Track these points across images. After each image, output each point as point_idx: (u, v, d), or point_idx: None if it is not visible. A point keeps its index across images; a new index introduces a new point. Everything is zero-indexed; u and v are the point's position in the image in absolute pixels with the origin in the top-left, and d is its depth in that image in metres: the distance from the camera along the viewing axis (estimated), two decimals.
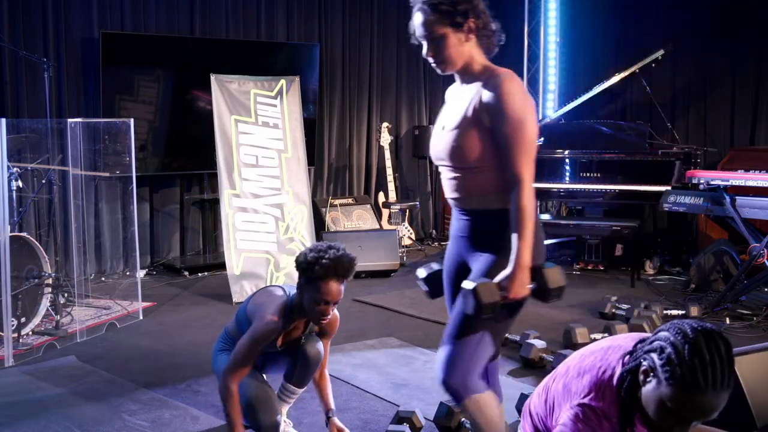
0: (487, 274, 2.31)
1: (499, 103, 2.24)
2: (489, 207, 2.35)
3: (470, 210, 2.42)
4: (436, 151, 2.45)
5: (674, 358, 1.76)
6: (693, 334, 1.79)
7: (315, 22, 7.50)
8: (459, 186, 2.40)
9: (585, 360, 2.03)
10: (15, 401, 3.59)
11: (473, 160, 2.31)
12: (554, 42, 8.85)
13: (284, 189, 5.95)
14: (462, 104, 2.35)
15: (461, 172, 2.36)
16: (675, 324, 1.86)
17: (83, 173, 5.04)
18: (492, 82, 2.28)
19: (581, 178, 6.65)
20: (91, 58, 6.16)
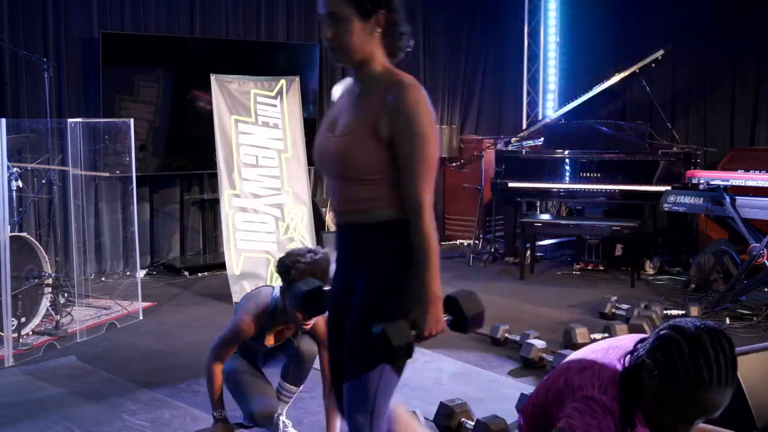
0: (379, 302, 2.08)
1: (404, 114, 1.99)
2: (378, 220, 2.09)
3: (358, 224, 2.13)
4: (322, 158, 2.16)
5: (678, 356, 1.76)
6: (696, 332, 1.78)
7: (315, 22, 7.49)
8: (347, 197, 2.12)
9: (587, 357, 2.04)
10: (15, 401, 3.59)
11: (366, 171, 2.05)
12: (554, 42, 8.86)
13: (284, 189, 5.95)
14: (357, 108, 2.09)
15: (350, 182, 2.09)
16: (677, 322, 1.86)
17: (83, 173, 5.05)
18: (397, 89, 2.02)
19: (581, 178, 6.64)
20: (91, 58, 6.16)
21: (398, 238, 2.08)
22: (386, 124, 2.01)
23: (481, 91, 8.78)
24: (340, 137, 2.08)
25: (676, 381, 1.76)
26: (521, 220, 6.56)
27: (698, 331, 1.79)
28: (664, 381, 1.78)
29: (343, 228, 2.21)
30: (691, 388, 1.75)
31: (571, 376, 2.00)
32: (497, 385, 3.86)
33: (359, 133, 2.04)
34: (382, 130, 2.02)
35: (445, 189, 8.39)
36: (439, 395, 3.56)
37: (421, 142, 2.01)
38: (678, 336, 1.79)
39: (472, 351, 4.40)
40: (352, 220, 2.14)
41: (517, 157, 6.93)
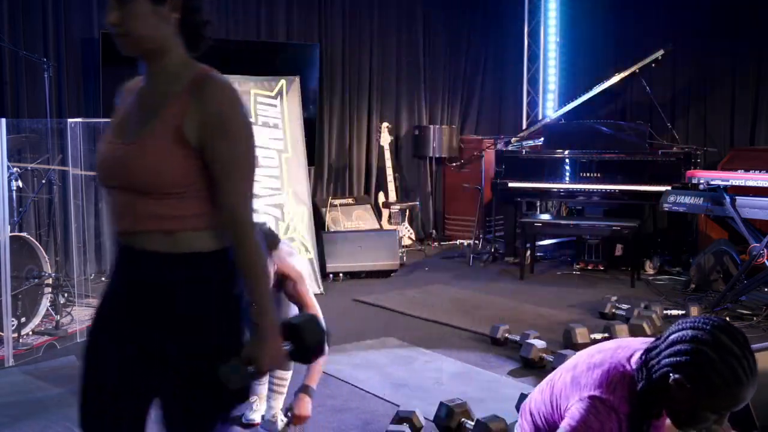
0: (211, 371, 1.67)
1: (217, 115, 1.69)
2: (186, 249, 1.71)
3: (158, 252, 1.71)
4: (108, 168, 1.76)
5: (710, 367, 1.77)
6: (715, 336, 1.79)
7: (315, 22, 7.50)
8: (142, 215, 1.71)
9: (594, 357, 2.03)
10: (15, 401, 3.59)
11: (170, 184, 1.69)
12: (554, 42, 8.86)
13: (284, 189, 5.95)
14: (153, 108, 1.74)
15: (146, 198, 1.70)
16: (687, 326, 1.86)
17: (83, 173, 5.04)
18: (204, 86, 1.74)
19: (581, 178, 6.64)
20: (91, 58, 6.16)
21: (217, 269, 1.73)
22: (194, 127, 1.68)
23: (481, 91, 8.78)
24: (134, 144, 1.71)
25: (714, 389, 1.77)
26: (521, 220, 6.56)
27: (714, 333, 1.80)
28: (700, 391, 1.79)
29: (129, 257, 1.77)
30: (730, 390, 1.77)
31: (577, 374, 1.99)
32: (497, 385, 3.86)
33: (159, 139, 1.69)
34: (189, 135, 1.68)
35: (445, 189, 8.39)
36: (439, 395, 3.56)
37: (241, 147, 1.71)
38: (701, 346, 1.79)
39: (472, 351, 4.41)
40: (150, 245, 1.71)
41: (517, 157, 6.93)
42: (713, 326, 1.82)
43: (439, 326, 4.96)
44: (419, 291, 5.93)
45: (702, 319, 1.86)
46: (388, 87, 8.11)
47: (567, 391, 1.99)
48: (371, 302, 5.57)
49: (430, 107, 8.44)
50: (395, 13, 8.05)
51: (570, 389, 1.98)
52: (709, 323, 1.83)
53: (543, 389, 2.17)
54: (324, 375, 3.96)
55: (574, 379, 1.99)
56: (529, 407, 2.22)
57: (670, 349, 1.85)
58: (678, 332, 1.86)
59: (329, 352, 3.54)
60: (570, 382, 2.00)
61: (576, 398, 1.93)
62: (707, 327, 1.82)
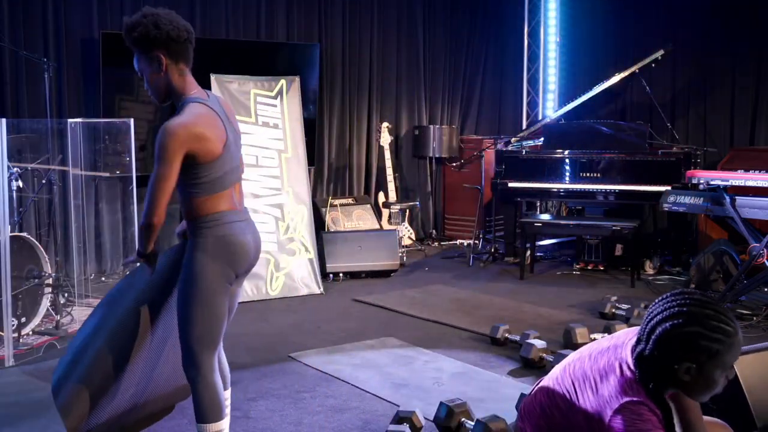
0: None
1: None
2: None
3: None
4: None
5: (700, 340, 1.87)
6: (685, 313, 1.89)
7: (315, 22, 7.50)
8: None
9: (599, 361, 2.06)
10: (15, 401, 3.60)
11: None
12: (554, 42, 8.86)
13: (284, 189, 5.95)
14: None
15: None
16: (659, 318, 1.93)
17: (83, 173, 5.05)
18: None
19: (581, 178, 6.65)
20: (91, 58, 6.16)
21: None
22: None
23: (481, 91, 8.78)
24: None
25: (715, 353, 1.87)
26: (521, 220, 6.56)
27: (687, 311, 1.89)
28: (706, 362, 1.88)
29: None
30: (729, 345, 1.88)
31: (596, 386, 2.02)
32: (497, 385, 3.86)
33: None
34: None
35: (445, 189, 8.40)
36: (439, 395, 3.56)
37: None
38: (683, 329, 1.88)
39: (472, 351, 4.41)
40: None
41: (517, 157, 6.94)
42: (679, 305, 1.91)
43: (439, 326, 4.96)
44: (419, 291, 5.93)
45: (667, 304, 1.94)
46: (388, 87, 8.11)
47: (594, 406, 2.00)
48: (371, 302, 5.57)
49: (430, 107, 8.44)
50: (395, 13, 8.05)
51: (597, 403, 2.00)
52: (674, 305, 1.92)
53: (547, 392, 2.16)
54: (324, 375, 3.97)
55: (597, 393, 2.01)
56: (530, 409, 2.22)
57: (660, 348, 1.91)
58: (655, 329, 1.93)
59: (330, 353, 3.52)
60: (593, 396, 2.01)
61: (609, 412, 1.95)
62: (675, 309, 1.91)
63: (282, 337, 4.70)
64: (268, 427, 3.31)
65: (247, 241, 2.64)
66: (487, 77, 8.82)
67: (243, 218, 2.66)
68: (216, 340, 2.61)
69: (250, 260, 2.69)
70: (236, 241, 2.58)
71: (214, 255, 2.54)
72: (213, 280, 2.54)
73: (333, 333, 4.79)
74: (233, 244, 2.57)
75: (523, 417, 2.26)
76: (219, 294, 2.57)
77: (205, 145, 2.46)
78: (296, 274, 5.85)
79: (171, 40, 2.50)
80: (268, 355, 4.32)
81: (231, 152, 2.59)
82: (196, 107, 2.50)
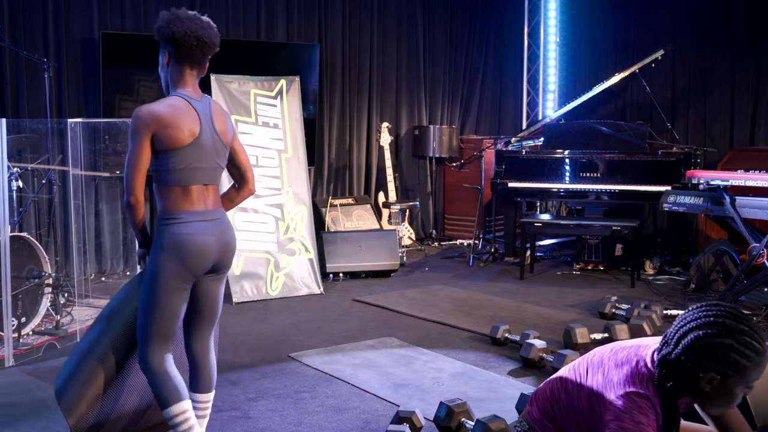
0: None
1: None
2: None
3: None
4: None
5: (735, 353, 1.88)
6: (719, 323, 1.90)
7: (315, 22, 7.50)
8: None
9: (618, 354, 2.09)
10: (15, 401, 3.60)
11: None
12: (554, 42, 8.86)
13: (284, 189, 5.95)
14: None
15: None
16: (693, 325, 1.94)
17: (83, 173, 5.04)
18: None
19: (581, 178, 6.65)
20: (91, 58, 6.16)
21: None
22: None
23: (481, 91, 8.78)
24: None
25: (742, 369, 1.89)
26: (521, 220, 6.56)
27: (721, 321, 1.91)
28: (731, 376, 1.90)
29: None
30: (756, 363, 1.90)
31: (607, 371, 2.05)
32: (497, 385, 3.86)
33: None
34: None
35: (445, 189, 8.40)
36: (439, 395, 3.56)
37: None
38: (716, 339, 1.89)
39: (472, 351, 4.41)
40: None
41: (517, 157, 6.94)
42: (715, 316, 1.92)
43: (439, 326, 4.96)
44: (419, 291, 5.93)
45: (701, 313, 1.94)
46: (388, 87, 8.11)
47: (600, 387, 2.03)
48: (371, 302, 5.57)
49: (430, 107, 8.44)
50: (395, 13, 8.05)
51: (603, 385, 2.03)
52: (710, 315, 1.92)
53: (566, 383, 2.17)
54: (324, 375, 3.97)
55: (606, 377, 2.04)
56: (546, 397, 2.22)
57: (687, 353, 1.92)
58: (686, 335, 1.93)
59: (330, 353, 3.53)
60: (602, 379, 2.04)
61: (612, 395, 1.98)
62: (711, 318, 1.91)
63: (282, 337, 4.70)
64: (268, 427, 3.31)
65: (206, 241, 2.66)
66: (487, 77, 8.82)
67: (208, 218, 2.69)
68: (165, 335, 2.68)
69: (210, 260, 2.69)
70: (192, 240, 2.63)
71: (168, 253, 2.61)
72: (166, 278, 2.61)
73: (333, 333, 4.79)
74: (188, 243, 2.62)
75: (533, 401, 2.27)
76: (170, 293, 2.63)
77: (169, 132, 2.57)
78: (296, 274, 5.85)
79: (176, 41, 2.65)
80: (268, 355, 4.32)
81: (203, 150, 2.65)
82: (172, 99, 2.65)
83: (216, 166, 2.73)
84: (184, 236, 2.62)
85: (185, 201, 2.65)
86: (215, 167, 2.73)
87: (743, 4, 7.04)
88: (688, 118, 7.52)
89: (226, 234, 2.76)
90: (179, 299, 2.66)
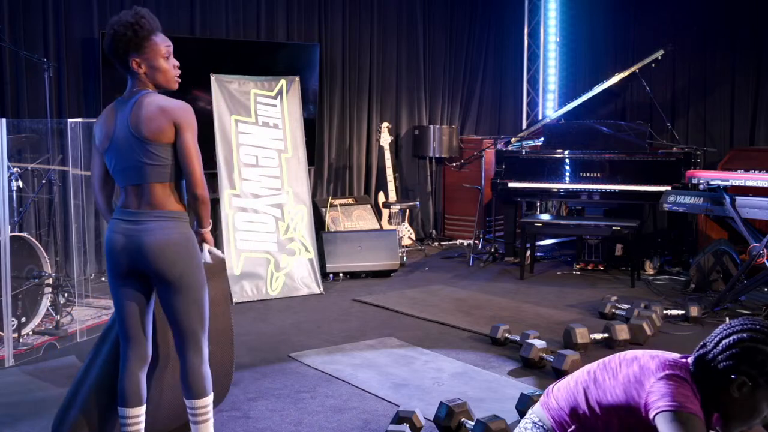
0: None
1: None
2: None
3: None
4: None
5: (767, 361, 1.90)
6: (763, 332, 1.93)
7: (315, 22, 7.50)
8: None
9: (652, 352, 2.12)
10: (15, 401, 3.59)
11: None
12: (554, 42, 8.86)
13: (284, 189, 5.95)
14: None
15: None
16: (737, 329, 1.97)
17: (83, 173, 5.04)
18: None
19: (581, 178, 6.65)
20: (91, 58, 6.16)
21: None
22: None
23: (481, 91, 8.78)
24: None
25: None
26: (521, 220, 6.56)
27: (759, 332, 1.94)
28: (761, 388, 1.91)
29: None
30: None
31: (643, 363, 2.06)
32: (497, 385, 3.86)
33: None
34: None
35: (445, 189, 8.40)
36: (439, 395, 3.56)
37: None
38: (759, 345, 1.92)
39: (472, 351, 4.41)
40: None
41: (517, 157, 6.94)
42: (763, 326, 1.95)
43: (439, 326, 4.96)
44: (419, 291, 5.93)
45: (749, 323, 1.97)
46: (388, 87, 8.11)
47: (637, 374, 2.04)
48: (371, 302, 5.57)
49: (430, 107, 8.44)
50: (395, 13, 8.05)
51: (641, 373, 2.03)
52: (756, 324, 1.96)
53: (594, 373, 2.17)
54: (324, 375, 3.97)
55: (643, 367, 2.05)
56: (570, 386, 2.20)
57: (726, 353, 1.94)
58: (729, 336, 1.96)
59: (330, 353, 3.52)
60: (638, 369, 2.05)
61: (653, 379, 1.98)
62: (756, 326, 1.95)
63: (282, 337, 4.70)
64: (268, 427, 3.31)
65: (112, 238, 2.65)
66: (487, 77, 8.82)
67: (126, 217, 2.64)
68: (122, 335, 2.73)
69: (121, 260, 2.64)
70: (107, 237, 2.69)
71: None
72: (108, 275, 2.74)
73: (333, 333, 4.79)
74: (106, 240, 2.70)
75: (550, 393, 2.25)
76: (112, 288, 2.72)
77: (95, 139, 2.72)
78: (296, 274, 5.85)
79: None
80: (268, 355, 4.32)
81: (119, 150, 2.63)
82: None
83: (138, 164, 2.59)
84: (106, 233, 2.70)
85: (119, 200, 2.71)
86: (138, 165, 2.59)
87: (743, 4, 7.04)
88: (688, 118, 7.52)
89: (141, 236, 2.60)
90: (118, 296, 2.70)
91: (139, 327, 2.72)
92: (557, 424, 2.17)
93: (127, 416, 2.72)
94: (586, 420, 2.12)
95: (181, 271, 2.62)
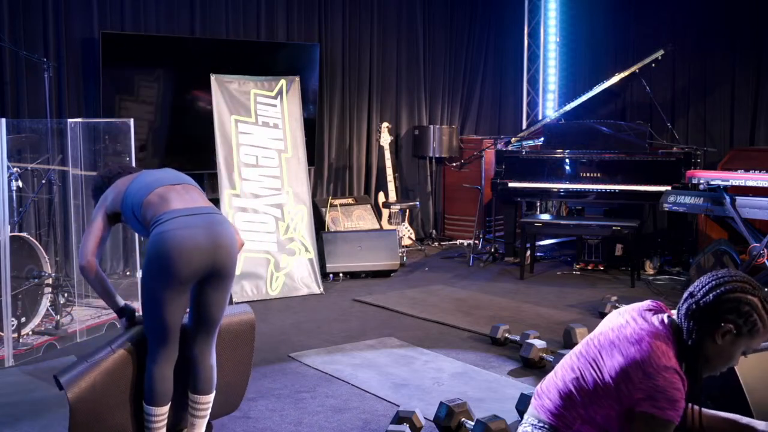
0: None
1: None
2: None
3: None
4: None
5: (756, 313, 2.01)
6: (752, 285, 2.04)
7: (315, 22, 7.50)
8: None
9: (622, 332, 2.17)
10: (15, 401, 3.59)
11: None
12: (554, 42, 8.86)
13: (284, 189, 5.95)
14: None
15: None
16: (724, 280, 2.08)
17: (83, 173, 5.04)
18: None
19: (581, 178, 6.65)
20: (91, 58, 6.16)
21: None
22: None
23: (481, 91, 8.78)
24: None
25: (756, 332, 2.01)
26: (521, 220, 6.56)
27: (752, 285, 2.05)
28: (742, 335, 2.01)
29: None
30: (765, 335, 2.03)
31: (624, 350, 2.07)
32: (497, 385, 3.86)
33: None
34: None
35: (445, 189, 8.40)
36: (439, 395, 3.56)
37: None
38: (749, 297, 2.02)
39: (472, 351, 4.41)
40: None
41: (517, 157, 6.94)
42: (743, 279, 2.06)
43: (439, 326, 4.96)
44: (419, 291, 5.93)
45: (732, 273, 2.09)
46: (388, 87, 8.11)
47: (623, 365, 2.03)
48: (371, 302, 5.57)
49: (430, 107, 8.44)
50: (395, 13, 8.05)
51: (626, 364, 2.04)
52: (739, 276, 2.07)
53: (573, 365, 2.16)
54: (324, 375, 3.97)
55: (626, 356, 2.05)
56: (558, 384, 2.20)
57: (716, 301, 2.05)
58: (719, 287, 2.07)
59: (330, 353, 3.52)
60: (623, 359, 2.05)
61: (640, 374, 2.00)
62: (742, 278, 2.06)
63: (282, 337, 4.70)
64: (268, 427, 3.31)
65: (187, 236, 2.71)
66: (487, 77, 8.82)
67: (194, 212, 2.80)
68: (163, 340, 2.77)
69: (189, 259, 2.70)
70: (170, 237, 2.72)
71: None
72: None
73: (333, 333, 4.79)
74: (168, 242, 2.75)
75: (540, 395, 2.23)
76: (164, 295, 2.77)
77: None
78: (296, 274, 5.85)
79: None
80: (268, 355, 4.32)
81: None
82: None
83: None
84: (167, 233, 2.73)
85: (162, 206, 2.83)
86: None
87: (743, 4, 7.04)
88: (688, 118, 7.52)
89: (217, 228, 2.81)
90: (169, 305, 2.77)
91: (178, 333, 2.77)
92: (559, 419, 2.17)
93: (156, 414, 2.75)
94: (585, 410, 2.12)
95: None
